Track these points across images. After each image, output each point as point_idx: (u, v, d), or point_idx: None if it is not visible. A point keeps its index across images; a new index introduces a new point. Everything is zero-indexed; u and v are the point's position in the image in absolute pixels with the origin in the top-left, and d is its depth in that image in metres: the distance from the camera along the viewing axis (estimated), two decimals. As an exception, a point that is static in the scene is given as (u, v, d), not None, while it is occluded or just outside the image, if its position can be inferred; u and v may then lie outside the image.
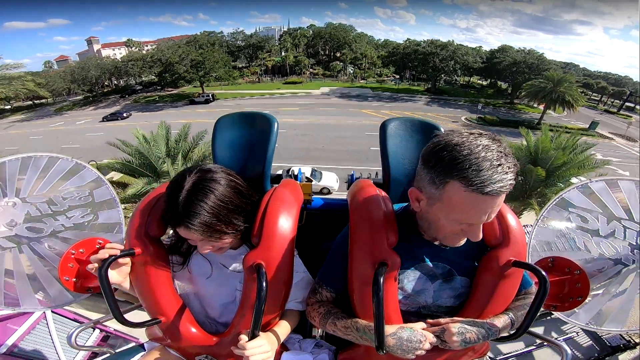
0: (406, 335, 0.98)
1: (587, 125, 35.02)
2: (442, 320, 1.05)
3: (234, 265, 1.22)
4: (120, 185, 12.80)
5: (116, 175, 14.60)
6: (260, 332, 1.04)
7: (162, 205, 1.07)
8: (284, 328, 1.20)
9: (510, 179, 0.81)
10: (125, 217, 1.61)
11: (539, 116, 35.91)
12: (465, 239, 1.02)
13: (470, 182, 0.80)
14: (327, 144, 25.12)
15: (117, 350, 1.39)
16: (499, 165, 0.80)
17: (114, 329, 5.21)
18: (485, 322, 1.05)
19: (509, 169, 0.80)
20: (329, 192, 17.33)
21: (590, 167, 12.44)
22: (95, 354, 4.59)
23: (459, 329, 1.00)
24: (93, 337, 4.97)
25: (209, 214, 0.98)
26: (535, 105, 41.06)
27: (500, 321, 1.06)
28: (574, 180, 11.87)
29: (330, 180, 17.71)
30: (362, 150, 22.82)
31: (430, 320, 1.06)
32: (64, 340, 4.12)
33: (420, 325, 1.04)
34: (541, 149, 12.70)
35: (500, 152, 0.82)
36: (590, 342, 5.45)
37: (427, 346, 0.98)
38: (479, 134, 0.86)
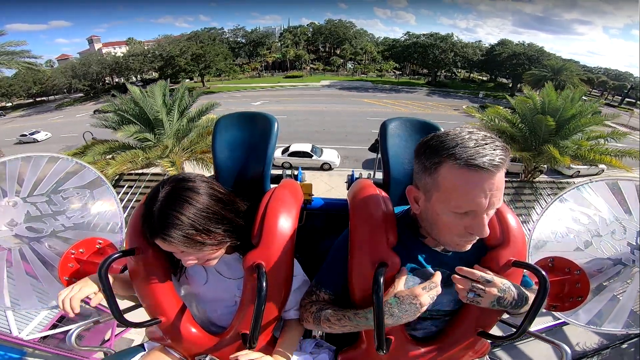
0: (397, 310, 0.94)
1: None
2: (480, 273, 0.97)
3: (229, 272, 1.22)
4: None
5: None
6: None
7: None
8: (290, 347, 1.21)
9: (500, 155, 0.80)
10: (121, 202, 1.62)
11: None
12: (472, 243, 0.97)
13: (459, 157, 0.80)
14: (328, 127, 25.37)
15: (117, 351, 1.40)
16: (486, 143, 0.81)
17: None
18: (524, 291, 1.01)
19: (497, 147, 0.81)
20: (330, 168, 17.39)
21: (601, 119, 12.63)
22: (55, 325, 4.41)
23: (505, 284, 0.96)
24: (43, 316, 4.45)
25: (184, 224, 0.93)
26: (536, 98, 40.99)
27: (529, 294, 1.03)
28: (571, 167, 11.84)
29: (331, 156, 17.73)
30: (363, 132, 22.89)
31: (465, 269, 0.98)
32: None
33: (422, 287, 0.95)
34: (547, 101, 12.65)
35: (487, 135, 0.83)
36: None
37: (426, 300, 0.93)
38: (469, 129, 0.87)
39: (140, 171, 11.81)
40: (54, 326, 4.40)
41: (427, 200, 0.94)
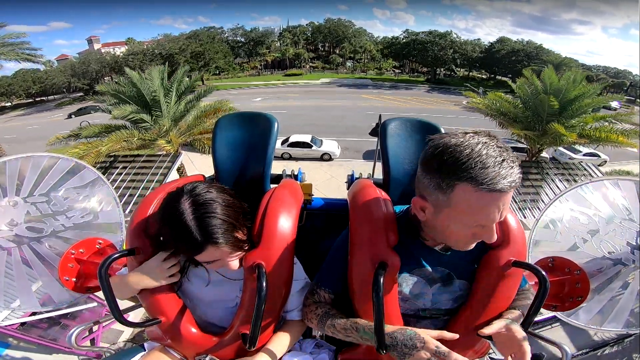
0: (402, 338, 0.93)
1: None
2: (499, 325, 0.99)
3: (231, 273, 1.21)
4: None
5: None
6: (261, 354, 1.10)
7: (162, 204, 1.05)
8: (283, 344, 1.21)
9: (517, 173, 0.79)
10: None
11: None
12: (476, 242, 0.98)
13: (480, 182, 0.78)
14: (328, 120, 25.32)
15: (117, 351, 1.39)
16: (503, 160, 0.79)
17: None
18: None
19: (512, 162, 0.80)
20: (331, 158, 17.35)
21: (604, 100, 13.01)
22: (34, 313, 4.27)
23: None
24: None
25: (225, 223, 0.96)
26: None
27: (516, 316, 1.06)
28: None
29: (332, 146, 17.68)
30: (363, 125, 22.47)
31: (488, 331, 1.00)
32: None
33: (432, 333, 0.94)
34: (549, 82, 12.60)
35: (500, 147, 0.81)
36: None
37: (424, 355, 0.89)
38: (474, 132, 0.85)
39: (135, 153, 11.80)
40: (33, 313, 4.26)
41: (435, 214, 0.92)
